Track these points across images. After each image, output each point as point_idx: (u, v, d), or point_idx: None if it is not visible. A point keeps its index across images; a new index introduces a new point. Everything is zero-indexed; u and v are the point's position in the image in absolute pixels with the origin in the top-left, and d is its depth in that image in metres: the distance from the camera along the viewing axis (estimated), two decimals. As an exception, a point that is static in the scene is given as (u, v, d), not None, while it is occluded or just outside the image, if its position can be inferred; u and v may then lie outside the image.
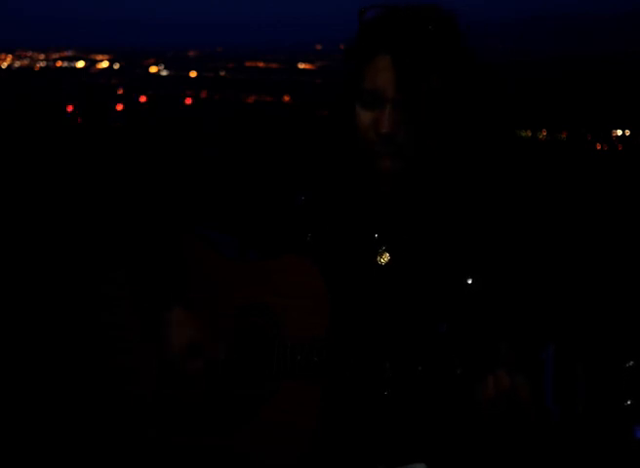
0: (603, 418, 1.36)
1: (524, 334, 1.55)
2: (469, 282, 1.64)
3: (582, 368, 1.39)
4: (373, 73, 1.64)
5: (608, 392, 1.36)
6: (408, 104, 1.61)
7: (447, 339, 1.59)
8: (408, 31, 1.62)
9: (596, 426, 1.37)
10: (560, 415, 1.39)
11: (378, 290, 1.69)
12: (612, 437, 1.35)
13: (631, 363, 1.34)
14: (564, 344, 1.42)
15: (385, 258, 1.70)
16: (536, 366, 1.43)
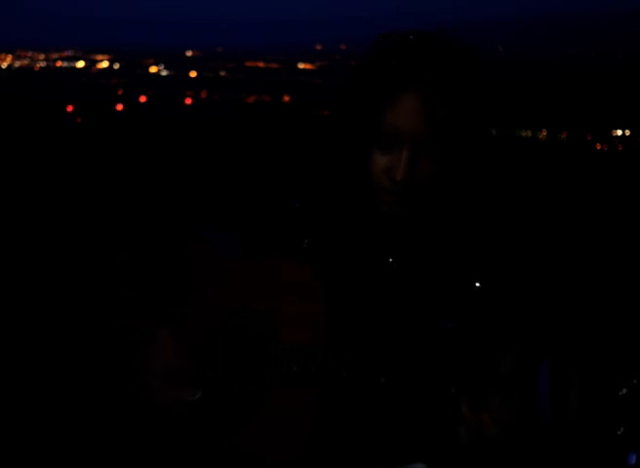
0: (596, 443, 1.36)
1: (521, 349, 1.54)
2: (476, 287, 1.64)
3: (577, 383, 1.38)
4: (397, 112, 1.50)
5: (601, 419, 1.35)
6: (429, 145, 1.50)
7: (445, 355, 1.58)
8: (438, 70, 1.51)
9: (589, 451, 1.36)
10: (553, 430, 1.39)
11: (381, 299, 1.68)
12: (605, 462, 1.35)
13: (624, 390, 1.33)
14: (559, 362, 1.42)
15: (392, 269, 1.70)
16: (530, 382, 1.42)
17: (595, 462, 1.35)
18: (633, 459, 1.32)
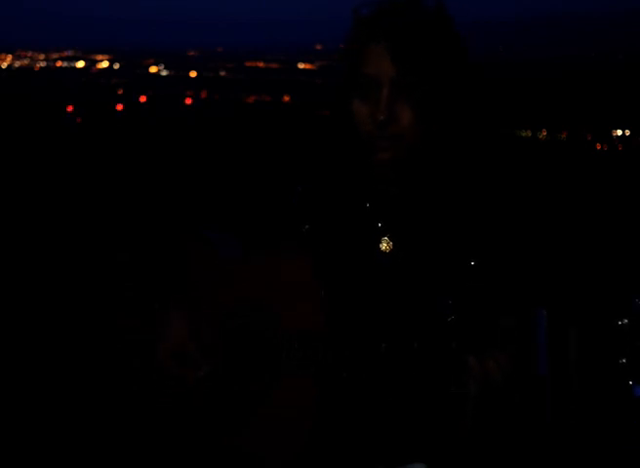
0: (598, 379, 1.36)
1: (516, 302, 1.57)
2: (472, 264, 1.64)
3: (575, 330, 1.39)
4: (368, 60, 1.62)
5: (602, 352, 1.36)
6: (403, 87, 1.59)
7: (449, 327, 1.59)
8: (402, 19, 1.62)
9: (592, 387, 1.36)
10: (553, 381, 1.39)
11: (380, 278, 1.69)
12: (609, 397, 1.35)
13: (625, 321, 1.34)
14: (555, 307, 1.43)
15: (388, 246, 1.70)
16: (528, 332, 1.44)
17: (601, 397, 1.35)
18: (639, 391, 1.32)
